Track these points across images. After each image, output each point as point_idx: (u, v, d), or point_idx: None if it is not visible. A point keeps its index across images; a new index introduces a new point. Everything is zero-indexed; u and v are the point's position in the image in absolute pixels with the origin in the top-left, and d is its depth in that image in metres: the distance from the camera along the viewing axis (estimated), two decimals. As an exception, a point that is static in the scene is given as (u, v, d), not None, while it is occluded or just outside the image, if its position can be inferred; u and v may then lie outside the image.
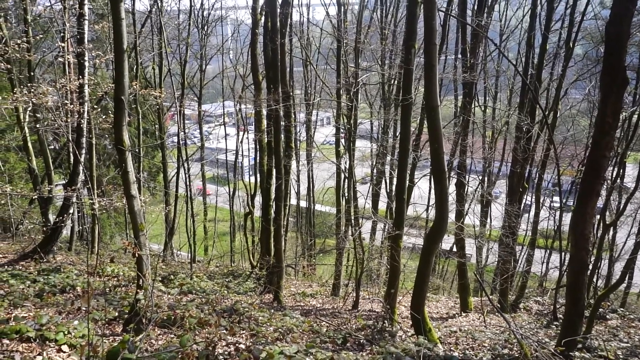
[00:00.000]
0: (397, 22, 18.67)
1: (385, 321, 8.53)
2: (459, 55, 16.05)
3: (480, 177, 18.39)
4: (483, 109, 19.77)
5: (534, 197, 15.33)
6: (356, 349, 6.93)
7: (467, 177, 13.88)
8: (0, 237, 14.95)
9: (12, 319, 5.70)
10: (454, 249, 19.64)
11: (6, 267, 10.04)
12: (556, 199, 22.91)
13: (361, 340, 7.33)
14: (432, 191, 19.37)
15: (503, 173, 22.10)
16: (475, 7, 13.48)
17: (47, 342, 5.19)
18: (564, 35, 14.20)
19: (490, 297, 12.26)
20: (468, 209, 15.06)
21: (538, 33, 14.04)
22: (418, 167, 16.51)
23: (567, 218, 17.00)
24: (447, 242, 20.78)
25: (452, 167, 13.68)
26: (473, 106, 14.17)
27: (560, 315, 10.12)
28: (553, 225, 18.18)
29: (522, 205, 14.40)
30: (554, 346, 6.35)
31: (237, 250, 23.20)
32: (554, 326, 10.11)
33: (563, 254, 11.09)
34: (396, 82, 17.86)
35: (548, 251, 19.11)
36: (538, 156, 14.51)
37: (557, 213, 16.20)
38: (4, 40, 10.38)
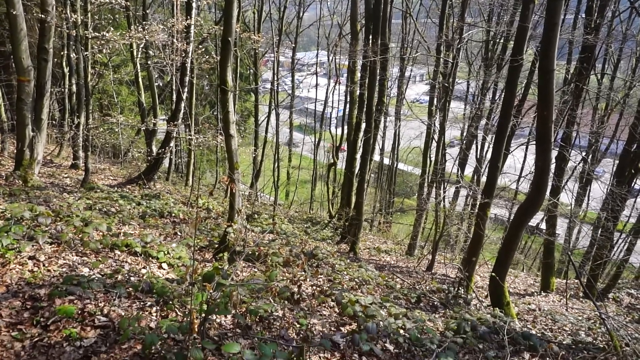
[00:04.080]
0: (513, -27, 16.97)
1: (461, 287, 8.40)
2: (582, 14, 14.33)
3: (585, 153, 16.81)
4: (600, 77, 17.74)
5: (645, 181, 13.75)
6: (429, 310, 6.94)
7: (569, 150, 12.75)
8: (111, 161, 16.67)
9: (122, 234, 6.43)
10: (542, 226, 18.51)
11: (116, 188, 11.23)
12: (673, 186, 20.39)
13: (435, 302, 7.31)
14: (527, 162, 18.19)
15: (611, 151, 20.01)
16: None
17: (150, 258, 5.80)
18: None
19: (580, 281, 11.51)
20: (565, 185, 13.95)
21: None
22: (515, 136, 15.45)
23: (684, 209, 15.15)
24: (535, 218, 19.59)
25: (556, 139, 12.61)
26: (589, 73, 12.74)
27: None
28: (664, 215, 16.31)
29: (631, 188, 13.01)
30: (648, 342, 5.87)
31: (316, 198, 23.82)
32: (647, 322, 9.32)
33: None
34: (502, 40, 16.51)
35: (652, 242, 17.29)
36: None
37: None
38: (124, -22, 11.05)
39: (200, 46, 14.31)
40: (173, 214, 9.70)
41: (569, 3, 15.10)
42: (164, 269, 5.70)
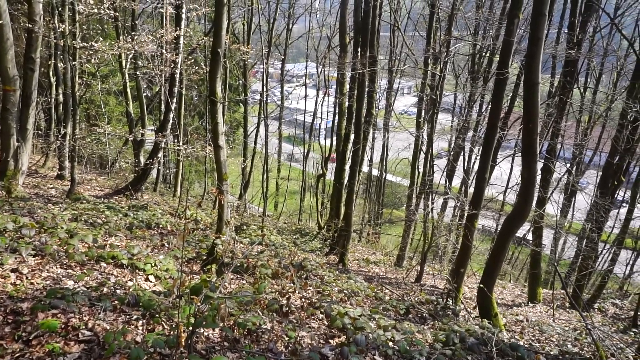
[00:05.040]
0: (498, -11, 17.35)
1: (450, 299, 8.42)
2: (564, 29, 14.67)
3: (569, 165, 17.09)
4: (582, 90, 18.13)
5: (628, 193, 14.02)
6: (418, 322, 6.94)
7: (555, 162, 12.96)
8: (98, 172, 16.49)
9: (108, 245, 6.34)
10: (529, 237, 18.68)
11: (102, 199, 11.10)
12: (655, 197, 20.79)
13: (424, 314, 7.32)
14: (513, 173, 18.43)
15: (594, 163, 20.37)
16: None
17: (136, 270, 5.73)
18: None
19: (566, 291, 11.62)
20: (550, 196, 14.15)
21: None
22: (501, 147, 15.66)
23: (666, 220, 15.41)
24: (522, 229, 19.80)
25: (541, 151, 12.82)
26: (572, 87, 13.01)
27: (642, 322, 9.38)
28: (646, 226, 16.61)
29: (614, 200, 13.24)
30: (633, 354, 5.94)
31: (305, 210, 23.78)
32: (631, 333, 9.41)
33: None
34: (488, 54, 16.80)
35: (635, 253, 17.57)
36: (642, 148, 13.13)
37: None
38: (113, -11, 11.04)
39: (189, 57, 14.30)
40: (160, 226, 9.60)
41: (552, 18, 15.43)
42: (151, 282, 5.63)
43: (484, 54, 17.02)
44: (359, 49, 12.16)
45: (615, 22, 13.49)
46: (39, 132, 15.75)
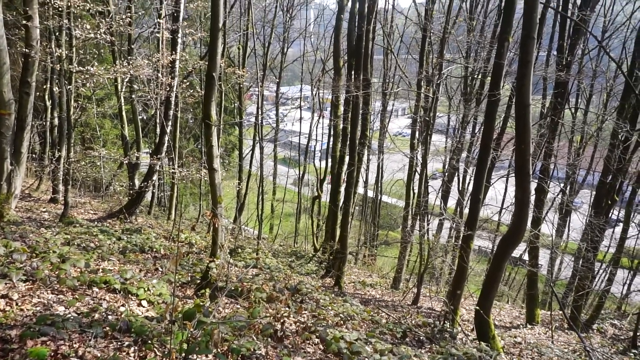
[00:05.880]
0: (488, 13, 17.77)
1: (447, 321, 8.33)
2: (553, 52, 14.97)
3: (563, 185, 17.19)
4: (574, 111, 18.39)
5: (622, 212, 14.09)
6: (415, 345, 6.84)
7: (548, 182, 13.04)
8: (92, 195, 16.40)
9: (101, 270, 6.26)
10: (525, 257, 18.62)
11: (96, 222, 11.01)
12: (648, 216, 20.88)
13: (421, 337, 7.22)
14: (508, 194, 18.49)
15: (588, 182, 20.51)
16: (579, 0, 12.45)
17: (129, 295, 5.64)
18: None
19: (564, 312, 11.53)
20: (545, 216, 14.18)
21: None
22: (495, 168, 15.77)
23: (661, 239, 15.44)
24: (518, 249, 19.75)
25: (534, 171, 12.89)
26: (564, 108, 13.21)
27: (642, 343, 9.29)
28: (642, 245, 16.63)
29: (608, 219, 13.30)
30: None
31: (301, 232, 23.66)
32: (631, 354, 9.32)
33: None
34: (480, 76, 17.08)
35: (632, 272, 17.54)
36: (633, 168, 13.26)
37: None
38: (110, 15, 11.22)
39: (185, 80, 14.45)
40: (154, 249, 9.51)
41: (542, 41, 15.77)
42: (144, 307, 5.54)
43: (476, 76, 17.29)
44: (353, 72, 12.34)
45: (602, 45, 13.78)
46: (33, 155, 15.72)
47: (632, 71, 12.11)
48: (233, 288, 6.82)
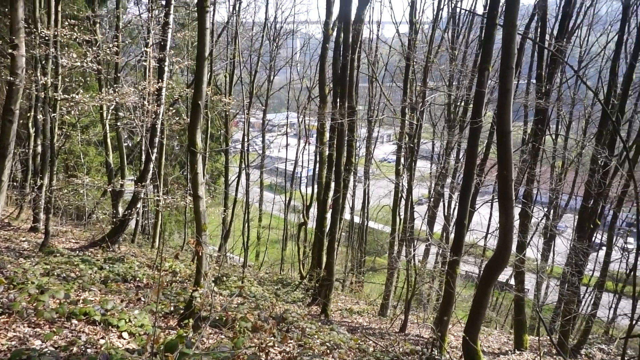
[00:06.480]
0: (469, 43, 18.32)
1: (435, 349, 8.23)
2: (533, 80, 15.43)
3: (546, 209, 17.43)
4: (554, 137, 18.84)
5: (604, 235, 14.29)
6: (403, 374, 6.74)
7: (532, 207, 13.22)
8: (74, 223, 16.09)
9: (81, 301, 6.09)
10: (511, 282, 18.64)
11: (77, 252, 10.77)
12: (630, 240, 21.23)
13: (409, 366, 7.11)
14: (493, 219, 18.65)
15: (571, 207, 20.83)
16: (555, 32, 12.94)
17: (110, 327, 5.48)
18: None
19: (550, 338, 11.51)
20: (530, 241, 14.30)
21: (622, 62, 13.21)
22: (480, 193, 15.94)
23: (643, 262, 15.63)
24: (504, 274, 19.81)
25: (518, 196, 13.07)
26: (544, 134, 13.53)
27: (629, 368, 9.28)
28: (625, 268, 16.80)
29: (592, 243, 13.46)
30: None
31: (287, 259, 23.43)
32: (620, 378, 9.28)
33: (636, 301, 10.18)
34: (463, 104, 17.46)
35: (617, 296, 17.66)
36: (613, 192, 13.54)
37: (632, 256, 14.99)
38: (97, 44, 11.29)
39: (171, 108, 14.47)
40: (137, 278, 9.32)
41: (521, 70, 16.27)
42: (125, 339, 5.38)
43: (459, 103, 17.68)
44: (338, 100, 12.52)
45: (579, 74, 14.27)
46: (14, 183, 15.44)
47: (609, 99, 12.51)
48: (217, 317, 6.68)
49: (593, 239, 13.79)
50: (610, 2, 17.28)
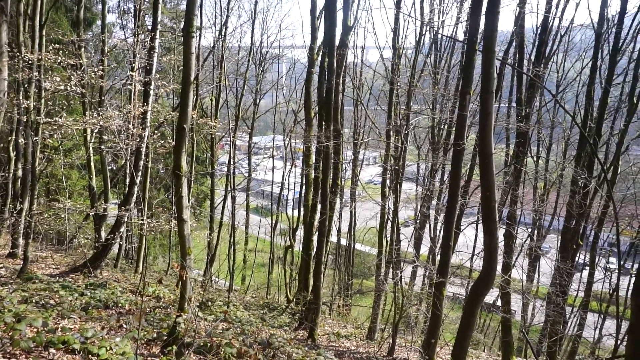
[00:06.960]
0: (451, 67, 18.77)
1: (423, 373, 8.15)
2: (513, 104, 15.83)
3: (530, 230, 17.64)
4: (536, 159, 19.22)
5: (587, 255, 14.49)
6: (391, 399, 6.63)
7: (516, 228, 13.37)
8: (55, 249, 15.72)
9: (59, 329, 5.91)
10: (497, 303, 18.65)
11: (57, 278, 10.51)
12: (612, 259, 21.52)
13: (397, 391, 7.01)
14: (478, 240, 18.77)
15: (554, 227, 21.10)
16: (533, 57, 13.37)
17: (90, 355, 5.32)
18: (627, 89, 13.71)
19: (538, 359, 11.48)
20: (515, 262, 14.41)
21: (597, 86, 13.66)
22: (465, 214, 16.09)
23: (625, 282, 15.85)
24: (491, 295, 19.85)
25: (501, 217, 13.23)
26: (526, 156, 13.80)
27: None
28: (608, 289, 16.98)
29: (575, 263, 13.63)
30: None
31: (274, 282, 23.14)
32: (607, 399, 9.27)
33: (620, 321, 10.26)
34: (446, 126, 17.77)
35: (602, 316, 17.78)
36: (594, 213, 13.80)
37: (614, 276, 15.18)
38: (82, 68, 11.29)
39: (156, 131, 14.43)
40: (119, 304, 9.10)
41: (502, 94, 16.68)
42: (105, 368, 5.22)
43: (442, 126, 17.97)
44: (324, 123, 12.64)
45: (557, 98, 14.70)
46: (-7, 208, 15.07)
47: (586, 122, 12.88)
48: (201, 344, 6.54)
49: (576, 259, 13.98)
50: (584, 30, 17.91)
